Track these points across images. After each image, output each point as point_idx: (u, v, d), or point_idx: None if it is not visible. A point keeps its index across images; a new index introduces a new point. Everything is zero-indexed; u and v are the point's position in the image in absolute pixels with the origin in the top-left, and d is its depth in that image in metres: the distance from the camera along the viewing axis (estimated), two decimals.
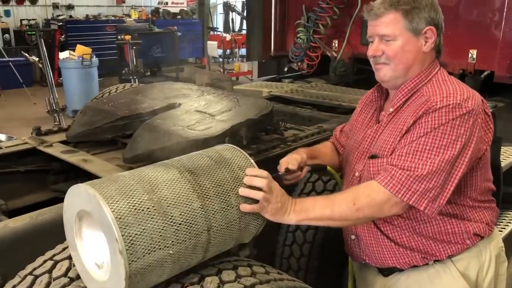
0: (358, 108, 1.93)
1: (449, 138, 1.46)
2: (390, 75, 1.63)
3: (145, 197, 1.25)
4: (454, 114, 1.47)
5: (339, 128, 2.03)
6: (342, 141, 1.96)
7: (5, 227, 1.64)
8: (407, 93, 1.63)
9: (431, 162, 1.45)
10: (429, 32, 1.60)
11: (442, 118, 1.47)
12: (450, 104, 1.48)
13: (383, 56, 1.61)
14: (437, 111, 1.48)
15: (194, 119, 2.40)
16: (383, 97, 1.78)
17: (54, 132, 2.75)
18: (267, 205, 1.44)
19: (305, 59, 4.69)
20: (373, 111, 1.80)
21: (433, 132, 1.47)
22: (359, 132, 1.80)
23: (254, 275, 1.43)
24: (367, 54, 1.67)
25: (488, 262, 1.68)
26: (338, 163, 1.92)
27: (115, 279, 1.20)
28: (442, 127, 1.47)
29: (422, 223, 1.61)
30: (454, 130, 1.46)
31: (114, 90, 3.69)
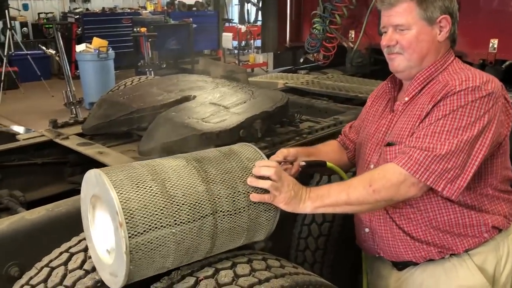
0: (368, 102, 1.91)
1: (468, 120, 1.44)
2: (405, 64, 1.61)
3: (149, 178, 1.28)
4: (474, 96, 1.45)
5: (348, 125, 2.02)
6: (352, 136, 1.93)
7: (22, 219, 1.66)
8: (423, 81, 1.61)
9: (449, 143, 1.42)
10: (444, 21, 1.58)
11: (461, 100, 1.45)
12: (470, 86, 1.46)
13: (397, 45, 1.60)
14: (456, 94, 1.46)
15: (208, 111, 2.40)
16: (397, 88, 1.75)
17: (70, 124, 2.77)
18: (279, 195, 1.43)
19: (321, 50, 4.63)
20: (386, 102, 1.78)
21: (452, 114, 1.45)
22: (371, 125, 1.78)
23: (269, 268, 1.42)
24: (381, 44, 1.66)
25: (506, 256, 1.65)
26: (343, 161, 1.89)
27: (118, 256, 1.22)
28: (461, 109, 1.45)
29: (440, 216, 1.58)
30: (474, 112, 1.44)
31: (129, 82, 3.70)
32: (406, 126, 1.57)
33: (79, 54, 8.34)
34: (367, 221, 1.73)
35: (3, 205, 2.09)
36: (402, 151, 1.50)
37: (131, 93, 2.87)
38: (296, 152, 1.69)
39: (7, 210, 2.07)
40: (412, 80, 1.63)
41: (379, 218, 1.68)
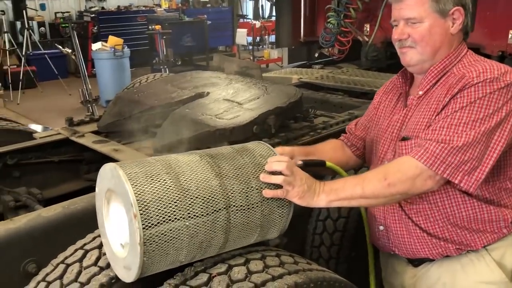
0: (376, 98, 1.88)
1: (486, 112, 1.41)
2: (417, 58, 1.58)
3: (163, 171, 1.30)
4: (492, 88, 1.42)
5: (353, 122, 1.97)
6: (359, 134, 1.89)
7: (39, 217, 1.68)
8: (437, 74, 1.58)
9: (466, 134, 1.39)
10: (457, 13, 1.54)
11: (479, 92, 1.42)
12: (488, 78, 1.43)
13: (409, 39, 1.56)
14: (474, 86, 1.43)
15: (222, 108, 2.40)
16: (408, 83, 1.72)
17: (86, 122, 2.80)
18: (292, 189, 1.42)
19: (335, 44, 4.59)
20: (398, 97, 1.74)
21: (469, 106, 1.42)
22: (383, 121, 1.75)
23: (282, 265, 1.41)
24: (392, 38, 1.62)
25: None
26: (344, 159, 1.84)
27: (132, 248, 1.23)
28: (479, 101, 1.42)
29: (458, 211, 1.55)
30: (492, 103, 1.41)
31: (144, 80, 3.74)
32: (422, 120, 1.54)
33: (95, 53, 8.42)
34: (381, 218, 1.70)
35: (22, 203, 2.12)
36: (418, 144, 1.48)
37: (146, 90, 2.89)
38: (291, 151, 1.65)
39: (25, 208, 2.10)
40: (425, 74, 1.60)
41: (394, 215, 1.65)
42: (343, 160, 1.83)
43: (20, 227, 1.63)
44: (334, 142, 1.93)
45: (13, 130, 2.80)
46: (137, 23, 11.99)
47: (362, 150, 1.88)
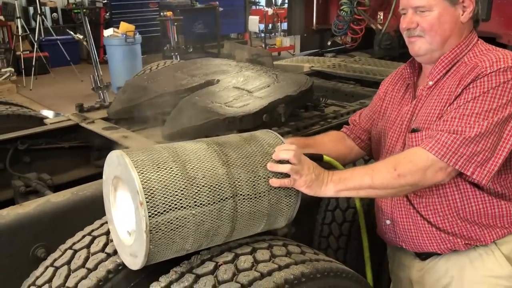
0: (381, 89, 1.84)
1: (499, 102, 1.37)
2: (426, 48, 1.54)
3: (170, 159, 1.29)
4: (506, 77, 1.38)
5: (356, 113, 1.92)
6: (364, 125, 1.85)
7: (48, 202, 1.69)
8: (448, 64, 1.54)
9: (479, 125, 1.36)
10: (467, 1, 1.50)
11: (493, 81, 1.39)
12: (501, 67, 1.40)
13: (418, 28, 1.52)
14: (487, 76, 1.40)
15: (232, 95, 2.38)
16: (416, 73, 1.68)
17: (96, 108, 2.80)
18: (299, 178, 1.41)
19: (348, 32, 4.55)
20: (405, 88, 1.71)
21: (482, 96, 1.39)
22: (391, 113, 1.72)
23: (289, 255, 1.41)
24: (400, 27, 1.58)
25: None
26: (344, 152, 1.81)
27: (139, 236, 1.23)
28: (492, 91, 1.38)
29: (468, 206, 1.52)
30: (505, 93, 1.38)
31: (155, 66, 3.73)
32: (433, 111, 1.51)
33: (106, 39, 8.42)
34: (388, 212, 1.68)
35: (32, 188, 2.14)
36: (429, 136, 1.45)
37: (156, 77, 2.89)
38: (290, 142, 1.59)
39: (35, 193, 2.12)
40: (436, 63, 1.56)
41: (401, 209, 1.63)
42: (343, 152, 1.80)
43: (29, 212, 1.64)
44: (334, 134, 1.89)
45: (24, 115, 2.82)
46: (149, 9, 11.93)
47: (367, 142, 1.84)
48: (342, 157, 1.77)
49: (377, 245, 1.89)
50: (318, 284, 1.36)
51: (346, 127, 1.91)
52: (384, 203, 1.70)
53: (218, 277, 1.28)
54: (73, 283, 1.35)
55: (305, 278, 1.32)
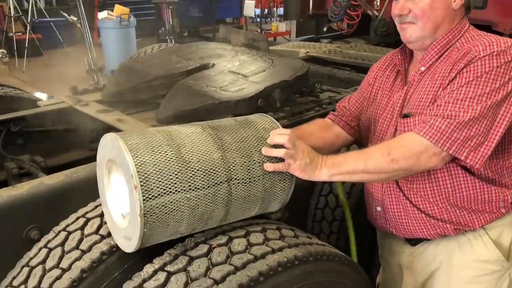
0: (370, 75, 1.83)
1: (492, 86, 1.38)
2: (418, 34, 1.53)
3: (164, 143, 1.29)
4: (499, 62, 1.39)
5: (345, 99, 1.91)
6: (354, 111, 1.83)
7: (41, 184, 1.69)
8: (440, 50, 1.54)
9: (472, 109, 1.36)
10: None
11: (485, 66, 1.39)
12: (494, 51, 1.40)
13: (410, 14, 1.51)
14: (481, 60, 1.40)
15: (227, 80, 2.37)
16: (407, 59, 1.68)
17: (90, 91, 2.78)
18: (293, 162, 1.41)
19: (344, 18, 4.52)
20: (396, 74, 1.71)
21: (476, 81, 1.39)
22: (381, 98, 1.71)
23: (282, 238, 1.42)
24: (392, 13, 1.57)
25: None
26: (331, 139, 1.80)
27: (133, 219, 1.23)
28: (485, 75, 1.38)
29: (459, 191, 1.53)
30: (498, 77, 1.38)
31: (150, 50, 3.70)
32: (426, 97, 1.51)
33: (101, 22, 8.33)
34: (379, 199, 1.69)
35: (25, 170, 2.13)
36: (422, 121, 1.45)
37: (150, 60, 2.86)
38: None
39: (28, 175, 2.11)
40: (428, 49, 1.56)
41: (391, 196, 1.64)
42: (330, 140, 1.80)
43: (23, 194, 1.64)
44: (320, 122, 1.87)
45: (17, 97, 2.80)
46: None
47: (356, 128, 1.83)
48: (329, 145, 1.77)
49: (369, 231, 1.91)
50: (311, 267, 1.38)
51: (333, 113, 1.89)
52: (374, 189, 1.71)
53: (212, 259, 1.29)
54: (67, 264, 1.36)
55: (298, 261, 1.34)
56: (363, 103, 1.82)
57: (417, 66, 1.60)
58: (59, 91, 5.86)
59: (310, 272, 1.37)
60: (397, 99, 1.63)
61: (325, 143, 1.73)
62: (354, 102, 1.86)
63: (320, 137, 1.75)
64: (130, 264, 1.39)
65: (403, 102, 1.61)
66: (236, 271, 1.25)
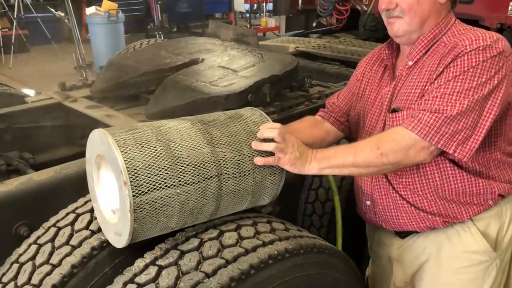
0: (358, 70, 1.84)
1: (479, 80, 1.39)
2: (405, 29, 1.55)
3: (153, 138, 1.28)
4: (485, 56, 1.40)
5: (334, 96, 1.91)
6: (343, 108, 1.84)
7: (30, 180, 1.68)
8: (427, 44, 1.55)
9: (460, 103, 1.38)
10: None
11: (473, 60, 1.41)
12: (481, 46, 1.41)
13: (397, 9, 1.52)
14: (467, 54, 1.42)
15: (216, 75, 2.37)
16: (395, 54, 1.69)
17: (79, 87, 2.76)
18: (283, 156, 1.42)
19: (333, 13, 4.53)
20: (384, 69, 1.72)
21: (463, 75, 1.40)
22: (370, 93, 1.73)
23: (273, 231, 1.43)
24: (379, 7, 1.58)
25: (508, 221, 1.63)
26: (321, 136, 1.80)
27: (123, 215, 1.23)
28: (472, 70, 1.40)
29: (447, 184, 1.55)
30: (485, 72, 1.40)
31: (138, 45, 3.67)
32: (414, 91, 1.52)
33: (89, 17, 8.25)
34: (368, 193, 1.71)
35: (13, 167, 2.11)
36: (411, 115, 1.46)
37: (139, 55, 2.85)
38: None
39: (17, 172, 2.09)
40: (415, 44, 1.57)
41: (381, 190, 1.66)
42: (320, 136, 1.80)
43: (11, 190, 1.63)
44: (310, 119, 1.87)
45: (4, 93, 2.77)
46: None
47: (346, 124, 1.84)
48: (319, 141, 1.77)
49: (359, 223, 1.92)
50: (302, 260, 1.39)
51: (323, 110, 1.89)
52: (364, 183, 1.72)
53: (203, 253, 1.29)
54: (57, 260, 1.36)
55: (289, 254, 1.34)
56: (352, 98, 1.83)
57: (405, 61, 1.61)
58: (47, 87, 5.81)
59: (300, 265, 1.38)
60: (386, 94, 1.64)
61: (315, 139, 1.74)
62: (343, 98, 1.87)
63: (310, 134, 1.75)
64: (121, 259, 1.39)
65: (391, 97, 1.62)
66: (227, 264, 1.26)
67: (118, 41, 8.16)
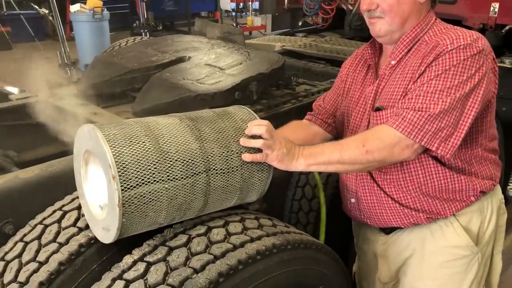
0: (343, 71, 1.87)
1: (460, 78, 1.43)
2: (386, 29, 1.57)
3: (142, 133, 1.29)
4: (465, 55, 1.44)
5: (320, 98, 1.95)
6: (330, 109, 1.88)
7: (16, 178, 1.66)
8: (409, 43, 1.58)
9: (442, 102, 1.41)
10: None
11: (454, 59, 1.44)
12: (461, 44, 1.45)
13: (378, 9, 1.55)
14: (449, 53, 1.45)
15: (203, 72, 2.37)
16: (377, 54, 1.72)
17: (64, 85, 2.73)
18: (271, 153, 1.43)
19: (319, 12, 4.54)
20: (367, 69, 1.75)
21: (445, 74, 1.44)
22: (354, 93, 1.75)
23: (261, 227, 1.44)
24: (361, 8, 1.61)
25: (489, 216, 1.67)
26: (308, 140, 1.82)
27: (111, 209, 1.23)
28: (453, 68, 1.43)
29: (430, 181, 1.58)
30: (466, 70, 1.43)
31: (124, 43, 3.65)
32: (397, 90, 1.55)
33: (73, 15, 8.16)
34: (353, 191, 1.73)
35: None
36: (394, 113, 1.49)
37: (125, 53, 2.83)
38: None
39: (1, 170, 2.06)
40: (397, 43, 1.60)
41: (365, 187, 1.68)
42: (307, 138, 1.82)
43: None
44: (297, 123, 1.90)
45: None
46: None
47: (333, 125, 1.87)
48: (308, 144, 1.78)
49: (346, 220, 1.95)
50: (289, 255, 1.40)
51: (310, 113, 1.92)
52: (349, 181, 1.74)
53: (191, 249, 1.30)
54: (44, 257, 1.35)
55: (276, 249, 1.36)
56: (338, 99, 1.86)
57: (388, 60, 1.64)
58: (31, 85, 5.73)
59: (288, 260, 1.40)
60: (369, 93, 1.66)
61: (303, 142, 1.73)
62: (328, 99, 1.89)
63: (298, 137, 1.75)
64: (109, 256, 1.38)
65: (375, 96, 1.64)
66: (215, 260, 1.27)
67: (103, 39, 8.09)
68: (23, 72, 7.69)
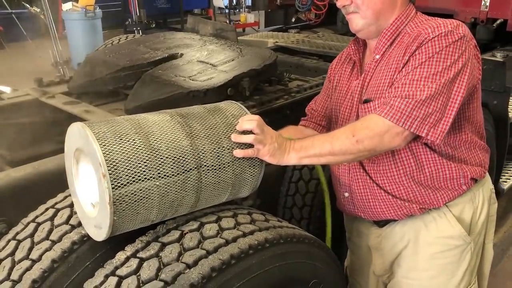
0: (329, 72, 1.89)
1: (444, 65, 1.44)
2: (361, 23, 1.59)
3: (132, 131, 1.28)
4: (447, 41, 1.46)
5: (312, 102, 1.96)
6: (323, 111, 1.89)
7: (8, 176, 1.66)
8: (390, 36, 1.60)
9: (428, 88, 1.43)
10: None
11: (436, 46, 1.46)
12: (443, 32, 1.47)
13: (352, 5, 1.57)
14: (431, 41, 1.47)
15: (196, 69, 2.37)
16: (361, 50, 1.74)
17: (56, 83, 2.73)
18: (262, 148, 1.44)
19: (312, 8, 4.56)
20: (352, 66, 1.77)
21: (428, 61, 1.45)
22: (341, 88, 1.77)
23: (253, 222, 1.44)
24: (337, 4, 1.63)
25: (481, 205, 1.69)
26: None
27: (102, 207, 1.23)
28: (436, 55, 1.45)
29: (422, 169, 1.60)
30: (449, 56, 1.45)
31: (116, 41, 3.64)
32: (384, 81, 1.56)
33: (65, 13, 8.13)
34: (346, 185, 1.74)
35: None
36: (383, 103, 1.50)
37: (117, 51, 2.83)
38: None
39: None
40: (379, 37, 1.62)
41: (358, 181, 1.69)
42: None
43: None
44: (292, 128, 1.89)
45: None
46: None
47: (327, 127, 1.89)
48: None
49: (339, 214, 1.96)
50: (282, 249, 1.41)
51: (304, 119, 1.94)
52: (342, 175, 1.75)
53: (184, 244, 1.30)
54: (37, 255, 1.35)
55: (269, 244, 1.37)
56: (328, 100, 1.87)
57: (372, 55, 1.66)
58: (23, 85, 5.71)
59: (280, 254, 1.41)
60: (355, 87, 1.68)
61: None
62: (319, 102, 1.92)
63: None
64: (102, 253, 1.39)
65: (361, 89, 1.66)
66: (208, 255, 1.27)
67: (95, 37, 8.07)
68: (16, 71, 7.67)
